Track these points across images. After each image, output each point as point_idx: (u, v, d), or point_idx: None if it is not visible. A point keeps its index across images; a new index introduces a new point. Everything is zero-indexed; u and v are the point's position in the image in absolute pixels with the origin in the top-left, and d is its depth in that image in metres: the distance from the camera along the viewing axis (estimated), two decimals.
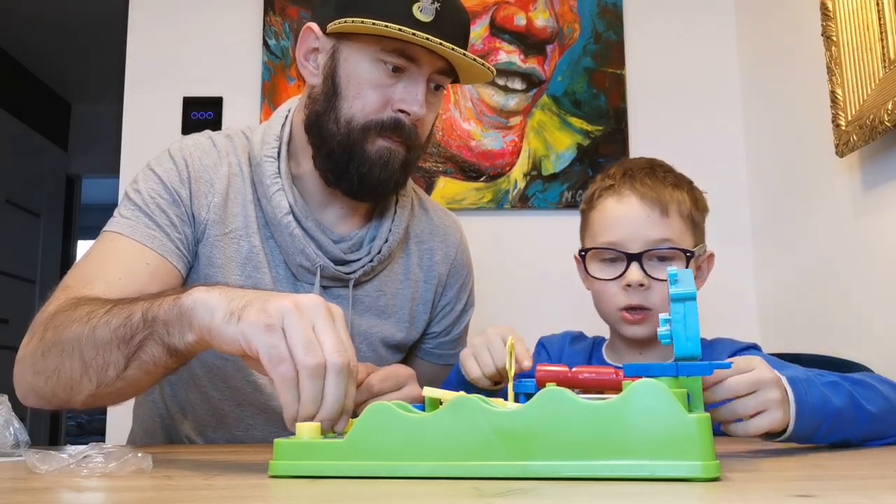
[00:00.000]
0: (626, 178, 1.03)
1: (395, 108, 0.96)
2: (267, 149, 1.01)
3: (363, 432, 0.58)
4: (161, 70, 1.98)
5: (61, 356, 0.79)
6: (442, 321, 1.17)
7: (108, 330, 0.75)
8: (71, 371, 0.78)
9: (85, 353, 0.77)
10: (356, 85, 0.96)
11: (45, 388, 0.82)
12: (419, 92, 0.95)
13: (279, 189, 0.99)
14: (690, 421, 0.52)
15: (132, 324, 0.74)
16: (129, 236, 0.95)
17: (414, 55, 0.94)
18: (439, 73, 0.97)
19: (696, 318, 0.61)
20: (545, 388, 0.57)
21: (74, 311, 0.80)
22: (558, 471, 0.53)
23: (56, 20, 3.43)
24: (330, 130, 0.97)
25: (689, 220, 1.03)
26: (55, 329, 0.81)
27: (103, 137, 3.99)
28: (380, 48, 0.94)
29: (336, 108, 0.97)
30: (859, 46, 1.34)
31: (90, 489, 0.56)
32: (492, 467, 0.55)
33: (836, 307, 1.50)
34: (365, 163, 0.97)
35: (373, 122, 0.96)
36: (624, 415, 0.53)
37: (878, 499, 0.45)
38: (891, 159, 1.30)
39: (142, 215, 0.96)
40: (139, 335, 0.73)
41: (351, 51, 0.96)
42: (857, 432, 0.76)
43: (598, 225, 1.04)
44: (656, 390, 0.54)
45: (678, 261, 1.00)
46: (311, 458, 0.59)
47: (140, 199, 0.97)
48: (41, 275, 3.89)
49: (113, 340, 0.75)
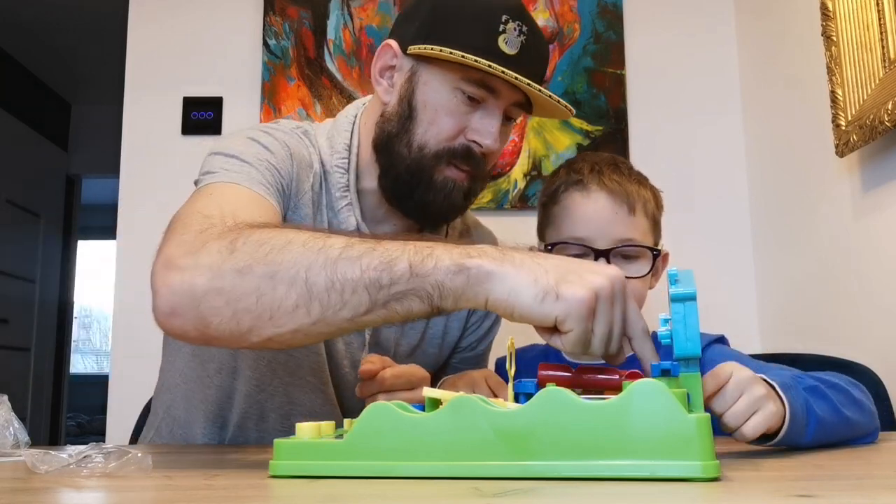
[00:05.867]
0: (594, 174, 1.02)
1: (469, 138, 0.95)
2: (337, 158, 1.00)
3: (363, 432, 0.58)
4: (161, 70, 1.98)
5: (272, 279, 0.68)
6: (470, 336, 1.16)
7: (356, 268, 0.67)
8: (283, 298, 0.68)
9: (315, 283, 0.67)
10: (433, 111, 0.95)
11: (222, 310, 0.69)
12: (494, 125, 0.95)
13: (347, 203, 0.99)
14: (690, 421, 0.52)
15: (394, 272, 0.66)
16: (245, 185, 0.86)
17: (494, 86, 0.93)
18: (515, 105, 0.96)
19: (696, 318, 0.61)
20: (545, 388, 0.57)
21: (285, 233, 0.71)
22: (558, 471, 0.53)
23: (56, 20, 3.43)
24: (401, 154, 0.96)
25: (651, 218, 1.03)
26: (258, 245, 0.70)
27: (103, 137, 3.98)
28: (461, 77, 0.93)
29: (409, 132, 0.95)
30: (859, 46, 1.34)
31: (90, 489, 0.56)
32: (492, 467, 0.55)
33: (835, 307, 1.50)
34: (430, 191, 0.96)
35: (445, 149, 0.95)
36: (624, 415, 0.53)
37: (877, 499, 0.45)
38: (891, 159, 1.30)
39: (254, 171, 0.89)
40: (400, 286, 0.66)
41: (431, 76, 0.95)
42: (836, 437, 0.76)
43: (563, 220, 1.03)
44: (656, 390, 0.54)
45: (643, 259, 1.00)
46: (311, 458, 0.59)
47: (248, 156, 0.90)
48: (41, 275, 3.89)
49: (362, 280, 0.67)
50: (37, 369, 3.79)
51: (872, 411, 0.83)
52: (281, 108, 1.92)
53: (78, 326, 6.75)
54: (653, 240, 1.03)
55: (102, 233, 4.59)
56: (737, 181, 1.93)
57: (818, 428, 0.73)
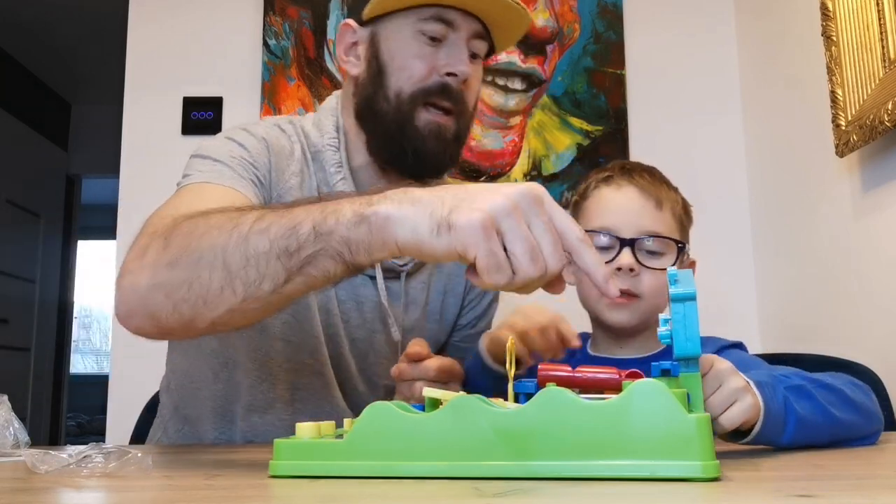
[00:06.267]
0: (625, 172, 1.05)
1: (442, 73, 0.98)
2: (328, 138, 1.03)
3: (363, 432, 0.58)
4: (161, 70, 1.98)
5: (197, 266, 0.69)
6: (469, 314, 1.18)
7: (264, 239, 0.67)
8: (209, 283, 0.69)
9: (231, 263, 0.68)
10: (401, 58, 0.98)
11: (164, 304, 0.71)
12: (462, 53, 0.98)
13: (343, 178, 1.01)
14: (691, 421, 0.52)
15: (299, 235, 0.66)
16: (216, 182, 0.90)
17: (450, 19, 0.97)
18: (476, 37, 1.00)
19: (695, 319, 0.61)
20: (545, 388, 0.57)
21: (208, 219, 0.72)
22: (558, 471, 0.53)
23: (56, 20, 3.43)
24: (382, 108, 0.99)
25: (679, 220, 1.04)
26: (185, 236, 0.72)
27: (103, 137, 3.98)
28: (416, 19, 0.97)
29: (384, 85, 0.99)
30: (859, 46, 1.34)
31: (90, 489, 0.56)
32: (492, 467, 0.55)
33: (835, 307, 1.50)
34: (417, 137, 0.98)
35: (420, 89, 0.97)
36: (624, 415, 0.53)
37: (877, 499, 0.45)
38: (891, 159, 1.30)
39: (226, 168, 0.93)
40: (308, 249, 0.66)
41: (390, 30, 0.99)
42: (822, 437, 0.76)
43: (592, 211, 1.04)
44: (656, 390, 0.54)
45: (669, 255, 1.00)
46: (311, 458, 0.59)
47: (222, 155, 0.94)
48: (41, 275, 3.89)
49: (272, 251, 0.67)
50: (37, 369, 3.79)
51: (873, 412, 0.82)
52: (281, 108, 1.92)
53: (78, 326, 6.75)
54: (679, 238, 1.04)
55: (102, 233, 4.57)
56: (737, 181, 1.93)
57: (799, 427, 0.72)
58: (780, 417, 0.71)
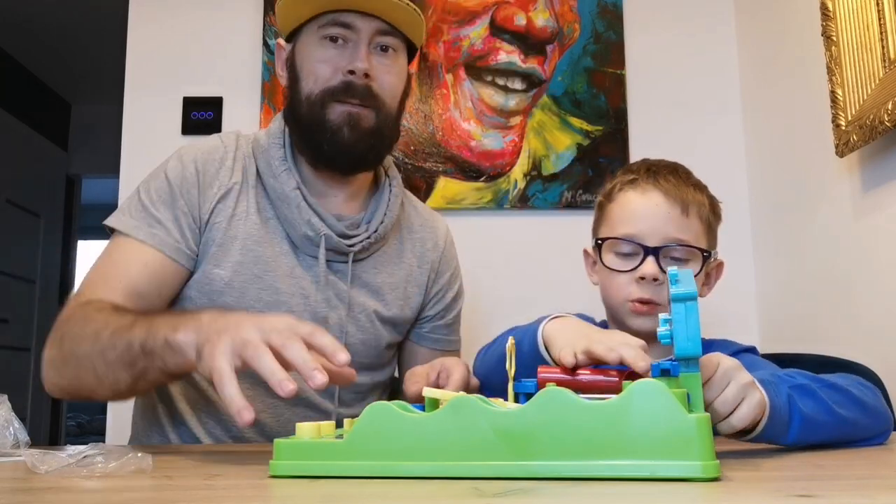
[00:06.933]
0: (650, 174, 1.03)
1: (344, 72, 1.04)
2: (273, 138, 1.11)
3: (363, 432, 0.58)
4: (161, 70, 1.98)
5: (78, 369, 0.90)
6: (436, 306, 1.24)
7: (113, 354, 0.85)
8: (88, 382, 0.89)
9: (97, 369, 0.87)
10: (309, 64, 1.07)
11: (68, 388, 0.94)
12: (361, 51, 1.04)
13: (286, 169, 1.08)
14: (691, 421, 0.52)
15: (132, 353, 0.83)
16: (132, 236, 1.04)
17: (347, 21, 1.04)
18: (381, 33, 1.06)
19: (696, 318, 0.61)
20: (545, 388, 0.57)
21: (84, 327, 0.90)
22: (558, 471, 0.53)
23: (56, 20, 3.43)
24: (299, 112, 1.07)
25: (706, 223, 1.03)
26: (71, 341, 0.91)
27: (103, 137, 3.99)
28: (318, 26, 1.06)
29: (298, 91, 1.07)
30: (859, 46, 1.34)
31: (90, 489, 0.56)
32: (492, 467, 0.55)
33: (836, 307, 1.50)
34: (329, 129, 1.04)
35: (326, 89, 1.04)
36: (624, 415, 0.53)
37: (876, 498, 0.45)
38: (891, 159, 1.30)
39: (145, 215, 1.05)
40: (140, 363, 0.83)
41: (301, 42, 1.09)
42: (828, 436, 0.75)
43: (617, 217, 1.03)
44: (656, 390, 0.54)
45: (694, 262, 1.00)
46: (311, 458, 0.59)
47: (147, 197, 1.06)
48: (41, 275, 3.89)
49: (118, 363, 0.85)
50: (37, 369, 3.76)
51: (881, 412, 0.82)
52: (281, 108, 1.92)
53: None
54: (706, 244, 1.03)
55: (102, 233, 4.57)
56: (737, 181, 1.93)
57: (804, 426, 0.72)
58: (785, 415, 0.71)
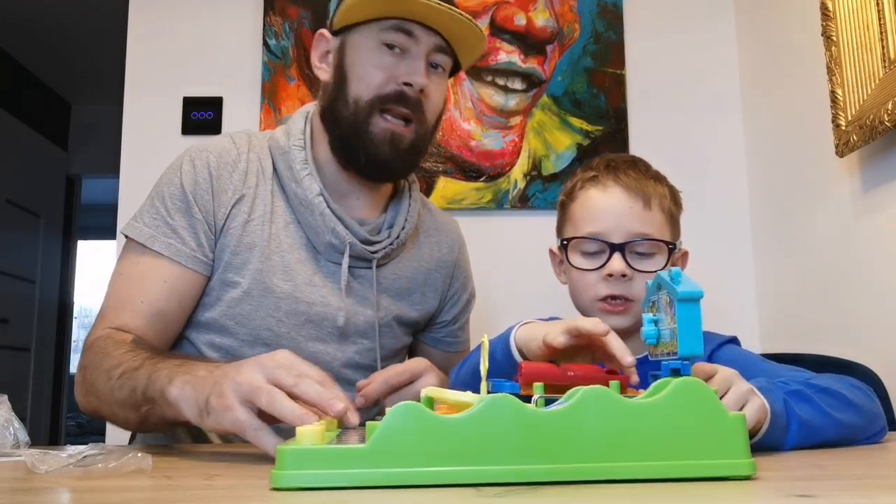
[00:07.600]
0: (610, 170, 1.03)
1: (399, 82, 1.02)
2: (294, 139, 1.09)
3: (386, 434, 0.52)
4: (161, 70, 1.98)
5: (98, 400, 0.94)
6: (451, 310, 1.25)
7: (121, 394, 0.88)
8: (105, 413, 0.95)
9: (111, 405, 0.91)
10: (361, 67, 1.04)
11: (93, 413, 0.99)
12: (419, 65, 1.03)
13: (309, 174, 1.06)
14: (731, 420, 0.53)
15: (136, 398, 0.85)
16: (148, 247, 1.04)
17: (410, 30, 1.02)
18: (437, 50, 1.05)
19: (699, 319, 0.61)
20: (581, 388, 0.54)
21: (102, 361, 0.93)
22: (592, 473, 0.52)
23: (56, 20, 3.43)
24: (341, 113, 1.05)
25: (668, 214, 1.03)
26: (91, 372, 0.95)
27: (103, 137, 3.98)
28: (379, 29, 1.03)
29: (345, 91, 1.04)
30: (859, 46, 1.34)
31: (90, 489, 0.56)
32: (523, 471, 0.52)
33: (836, 307, 1.50)
34: (369, 142, 1.03)
35: (377, 96, 1.02)
36: (663, 415, 0.53)
37: (877, 499, 0.45)
38: (891, 159, 1.30)
39: (161, 223, 1.05)
40: (143, 407, 0.85)
41: (355, 39, 1.05)
42: (824, 440, 0.76)
43: (580, 216, 1.03)
44: (699, 390, 0.54)
45: (660, 255, 1.00)
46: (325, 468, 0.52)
47: (162, 204, 1.06)
48: (41, 275, 3.89)
49: (126, 404, 0.88)
50: (37, 369, 3.79)
51: (875, 413, 0.82)
52: (281, 108, 1.92)
53: (78, 326, 6.73)
54: (670, 236, 1.02)
55: (102, 233, 4.57)
56: (737, 181, 1.93)
57: (802, 429, 0.73)
58: (783, 420, 0.72)
